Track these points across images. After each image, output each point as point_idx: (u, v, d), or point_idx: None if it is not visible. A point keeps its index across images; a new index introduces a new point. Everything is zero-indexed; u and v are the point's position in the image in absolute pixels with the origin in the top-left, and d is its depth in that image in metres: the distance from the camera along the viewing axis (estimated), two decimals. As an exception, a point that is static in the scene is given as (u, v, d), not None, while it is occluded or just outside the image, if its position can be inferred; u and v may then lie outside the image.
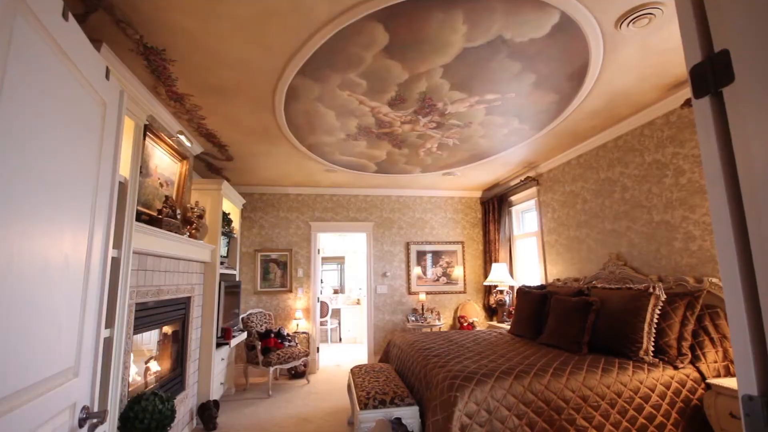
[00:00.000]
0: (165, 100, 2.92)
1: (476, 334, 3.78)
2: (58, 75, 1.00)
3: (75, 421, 1.10)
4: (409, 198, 5.98)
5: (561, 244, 4.39)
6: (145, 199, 2.83)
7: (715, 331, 2.54)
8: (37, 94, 0.90)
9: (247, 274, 5.40)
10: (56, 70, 0.99)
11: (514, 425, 2.16)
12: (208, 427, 3.30)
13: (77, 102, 1.10)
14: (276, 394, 4.31)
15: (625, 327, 2.69)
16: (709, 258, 2.75)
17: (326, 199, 5.79)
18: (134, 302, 2.41)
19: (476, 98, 2.94)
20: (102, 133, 1.27)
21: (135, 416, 2.01)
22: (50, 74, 0.96)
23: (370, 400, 2.54)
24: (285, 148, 4.01)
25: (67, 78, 1.04)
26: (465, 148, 4.05)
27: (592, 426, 2.22)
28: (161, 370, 2.97)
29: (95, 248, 1.24)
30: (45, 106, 0.94)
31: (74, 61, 1.07)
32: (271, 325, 5.07)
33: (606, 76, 2.65)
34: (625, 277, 3.36)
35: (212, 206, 3.89)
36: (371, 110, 3.13)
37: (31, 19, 0.87)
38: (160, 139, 2.98)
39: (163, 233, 2.68)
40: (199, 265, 3.65)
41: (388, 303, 5.66)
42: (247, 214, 5.54)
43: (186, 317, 3.33)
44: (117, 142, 1.39)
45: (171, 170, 3.29)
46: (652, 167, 3.21)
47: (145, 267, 2.59)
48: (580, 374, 2.37)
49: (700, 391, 2.38)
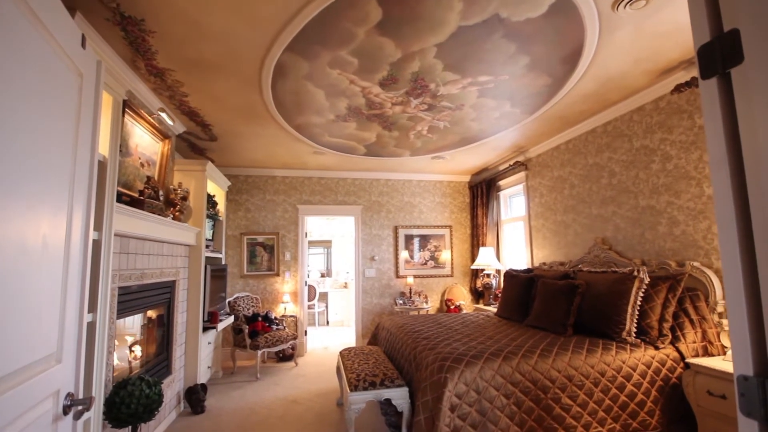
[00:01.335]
0: (144, 75, 2.77)
1: (464, 317, 3.83)
2: (30, 41, 0.91)
3: (59, 409, 1.06)
4: (397, 182, 5.94)
5: (548, 228, 4.45)
6: (126, 180, 2.72)
7: (694, 313, 2.63)
8: (7, 61, 0.82)
9: (234, 258, 5.32)
10: (28, 36, 0.90)
11: (502, 404, 2.21)
12: (196, 410, 3.29)
13: (52, 72, 1.02)
14: (264, 377, 4.31)
15: (609, 309, 2.76)
16: (692, 242, 2.82)
17: (314, 181, 5.70)
18: (117, 286, 2.33)
19: (469, 80, 2.89)
20: (79, 107, 1.19)
21: (121, 401, 1.96)
22: (21, 39, 0.87)
23: (360, 382, 2.56)
24: (272, 128, 3.90)
25: (40, 44, 0.95)
26: (456, 131, 4.01)
27: (576, 404, 2.29)
28: (147, 354, 2.92)
29: (75, 230, 1.18)
30: (17, 76, 0.86)
31: (47, 25, 0.98)
32: (258, 308, 5.04)
33: (600, 60, 2.63)
34: (610, 261, 3.43)
35: (196, 188, 3.77)
36: (362, 90, 3.05)
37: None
38: (141, 117, 2.84)
39: (146, 215, 2.59)
40: (184, 249, 3.56)
41: (376, 286, 5.68)
42: (232, 196, 5.42)
43: (171, 301, 3.26)
44: (95, 117, 1.30)
45: (152, 150, 3.16)
46: (640, 153, 3.25)
47: (127, 250, 2.50)
48: (566, 355, 2.43)
49: (679, 370, 2.47)
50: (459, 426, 2.13)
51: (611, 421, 2.32)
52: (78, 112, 1.18)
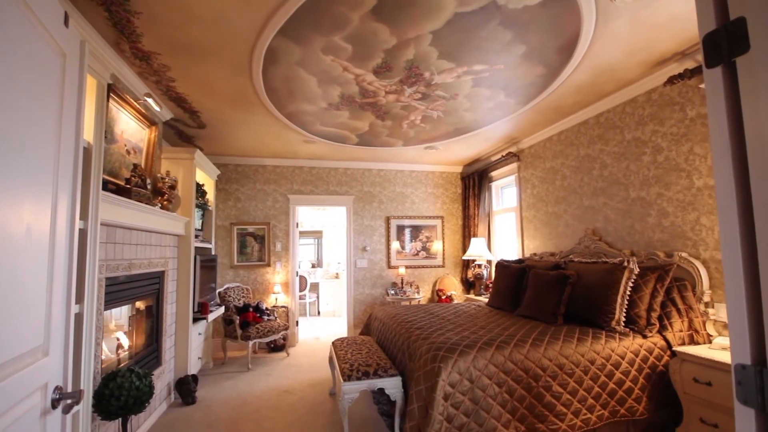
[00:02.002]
0: (129, 58, 2.67)
1: (456, 307, 3.85)
2: (10, 17, 0.85)
3: (47, 403, 1.03)
4: (389, 172, 5.90)
5: (539, 219, 4.48)
6: (111, 167, 2.64)
7: (681, 303, 2.68)
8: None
9: (223, 248, 5.24)
10: (7, 11, 0.84)
11: (494, 393, 2.24)
12: (187, 401, 3.26)
13: (34, 51, 0.96)
14: (256, 368, 4.29)
15: (599, 299, 2.80)
16: (680, 234, 2.87)
17: (305, 171, 5.63)
18: (104, 276, 2.27)
19: (464, 68, 2.86)
20: (63, 89, 1.13)
21: (111, 393, 1.93)
22: (0, 15, 0.82)
23: (353, 372, 2.56)
24: (262, 116, 3.82)
25: (20, 21, 0.90)
26: (449, 121, 3.99)
27: (566, 392, 2.33)
28: (136, 345, 2.87)
29: (60, 218, 1.13)
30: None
31: (28, 1, 0.92)
32: (249, 299, 5.00)
33: (595, 50, 2.62)
34: (600, 252, 3.48)
35: (185, 176, 3.69)
36: (355, 78, 2.99)
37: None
38: (126, 102, 2.75)
39: (133, 204, 2.52)
40: (173, 239, 3.49)
41: (367, 277, 5.68)
42: (221, 185, 5.32)
43: (160, 292, 3.20)
44: (80, 100, 1.24)
45: (138, 137, 3.07)
46: (632, 145, 3.27)
47: (114, 240, 2.44)
48: (557, 344, 2.46)
49: (665, 358, 2.53)
50: (452, 414, 2.15)
51: (600, 408, 2.37)
52: (61, 94, 1.13)
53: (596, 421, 2.34)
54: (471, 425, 2.15)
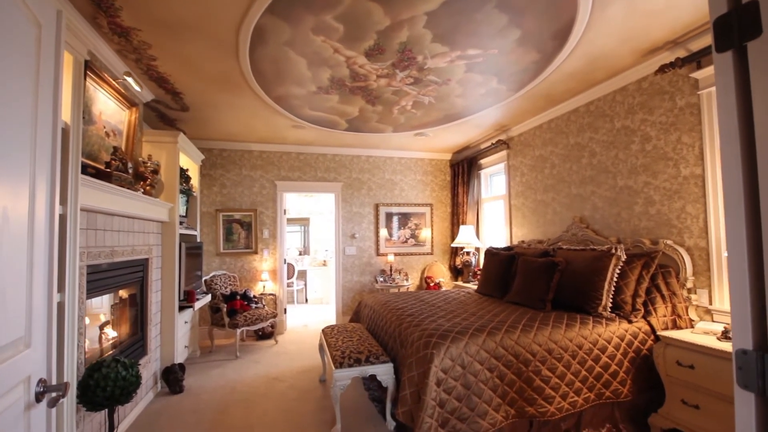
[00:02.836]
0: (107, 34, 2.52)
1: (446, 294, 3.88)
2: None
3: (31, 396, 0.98)
4: (379, 158, 5.84)
5: (527, 207, 4.52)
6: (90, 150, 2.51)
7: (666, 289, 2.76)
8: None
9: (209, 235, 5.13)
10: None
11: (485, 378, 2.27)
12: (174, 390, 3.21)
13: (6, 18, 0.87)
14: (244, 355, 4.26)
15: (587, 285, 2.85)
16: (666, 222, 2.93)
17: (293, 157, 5.51)
18: (85, 264, 2.18)
19: (458, 53, 2.80)
20: (38, 63, 1.04)
21: (96, 384, 1.87)
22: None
23: (345, 359, 2.55)
24: (249, 99, 3.69)
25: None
26: (440, 107, 3.94)
27: (555, 376, 2.38)
28: (120, 335, 2.80)
29: (39, 202, 1.06)
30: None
31: (-7, -41, 0.83)
32: (236, 287, 4.92)
33: (589, 36, 2.60)
34: (587, 239, 3.53)
35: (168, 161, 3.56)
36: (346, 60, 2.91)
37: None
38: (104, 81, 2.61)
39: (114, 189, 2.42)
40: (156, 225, 3.38)
41: (356, 264, 5.66)
42: (206, 171, 5.17)
43: (144, 280, 3.11)
44: (57, 75, 1.15)
45: (118, 118, 2.93)
46: (621, 133, 3.30)
47: (95, 226, 2.34)
48: (546, 329, 2.50)
49: (649, 343, 2.60)
50: (444, 399, 2.17)
51: (586, 391, 2.43)
52: (37, 68, 1.04)
53: (582, 403, 2.40)
54: (463, 409, 2.18)
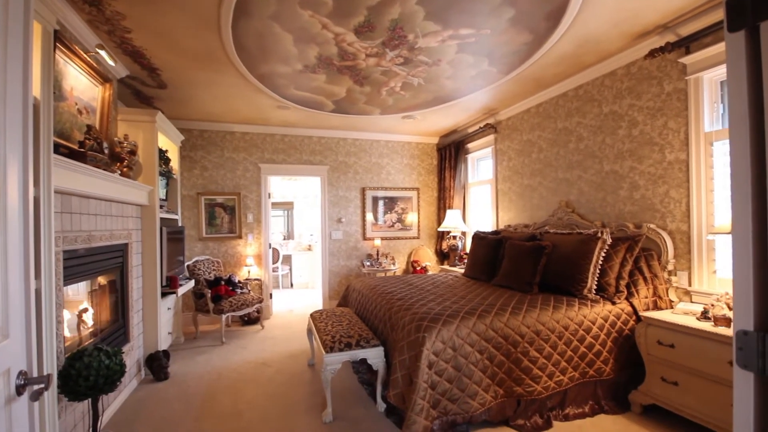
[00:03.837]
0: (77, 3, 2.34)
1: (434, 278, 3.90)
2: None
3: (11, 390, 0.92)
4: (365, 141, 5.75)
5: (514, 191, 4.55)
6: (62, 129, 2.36)
7: (648, 271, 2.84)
8: None
9: (191, 219, 4.98)
10: None
11: (476, 359, 2.30)
12: (159, 377, 3.15)
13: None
14: (230, 341, 4.21)
15: (573, 268, 2.90)
16: (649, 206, 2.99)
17: (277, 139, 5.36)
18: (61, 250, 2.07)
19: (450, 32, 2.74)
20: (5, 31, 0.94)
21: (78, 374, 1.80)
22: None
23: (336, 344, 2.54)
24: (231, 77, 3.53)
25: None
26: (429, 89, 3.87)
27: (542, 356, 2.44)
28: (101, 322, 2.70)
29: (11, 184, 0.97)
30: None
31: None
32: (220, 272, 4.82)
33: (582, 18, 2.57)
34: (572, 223, 3.59)
35: (146, 141, 3.39)
36: (335, 38, 2.80)
37: None
38: (75, 54, 2.43)
39: (90, 170, 2.29)
40: (135, 209, 3.24)
41: (343, 249, 5.63)
42: (186, 152, 4.98)
43: (125, 265, 3.00)
44: (27, 45, 1.05)
45: (90, 94, 2.75)
46: (608, 118, 3.32)
47: (70, 209, 2.21)
48: (535, 311, 2.54)
49: (631, 323, 2.69)
50: (436, 381, 2.19)
51: (571, 370, 2.50)
52: (4, 38, 0.94)
53: (568, 382, 2.48)
54: (453, 390, 2.21)
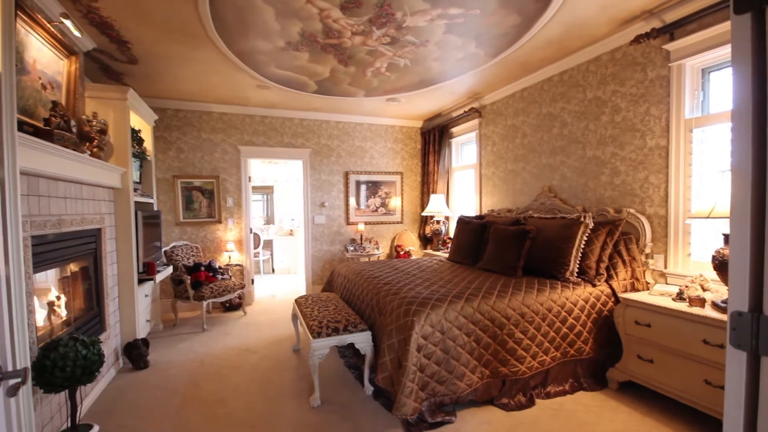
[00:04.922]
0: (36, -35, 2.13)
1: (419, 262, 3.91)
2: None
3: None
4: (348, 124, 5.63)
5: (498, 176, 4.58)
6: (25, 105, 2.18)
7: (627, 254, 2.93)
8: None
9: (167, 203, 4.79)
10: None
11: (463, 342, 2.33)
12: (139, 366, 3.06)
13: None
14: (212, 328, 4.12)
15: (556, 252, 2.96)
16: (629, 191, 3.07)
17: (257, 120, 5.18)
18: (29, 235, 1.94)
19: (439, 11, 2.67)
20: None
21: (53, 364, 1.71)
22: None
23: (323, 329, 2.52)
24: (208, 52, 3.35)
25: None
26: (416, 70, 3.80)
27: (527, 337, 2.49)
28: (75, 311, 2.58)
29: (-29, 161, 0.87)
30: None
31: None
32: (199, 258, 4.69)
33: (571, 1, 2.55)
34: (555, 208, 3.65)
35: (116, 120, 3.20)
36: (319, 13, 2.68)
37: None
38: (38, 24, 2.23)
39: (57, 149, 2.14)
40: (108, 192, 3.08)
41: (326, 233, 5.56)
42: (160, 133, 4.74)
43: (98, 251, 2.86)
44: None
45: (55, 68, 2.55)
46: (592, 104, 3.35)
47: (37, 192, 2.07)
48: (520, 294, 2.59)
49: (610, 304, 2.78)
50: (424, 364, 2.21)
51: (554, 350, 2.58)
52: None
53: (550, 362, 2.55)
54: (441, 372, 2.24)
